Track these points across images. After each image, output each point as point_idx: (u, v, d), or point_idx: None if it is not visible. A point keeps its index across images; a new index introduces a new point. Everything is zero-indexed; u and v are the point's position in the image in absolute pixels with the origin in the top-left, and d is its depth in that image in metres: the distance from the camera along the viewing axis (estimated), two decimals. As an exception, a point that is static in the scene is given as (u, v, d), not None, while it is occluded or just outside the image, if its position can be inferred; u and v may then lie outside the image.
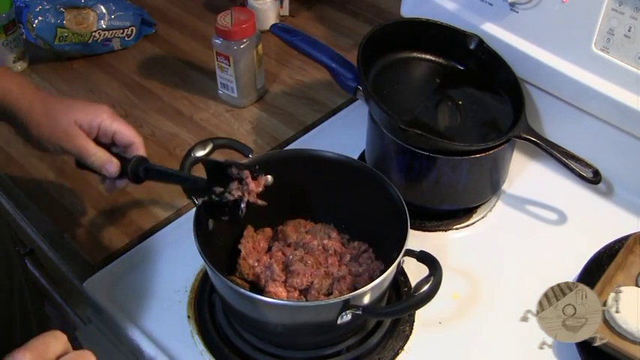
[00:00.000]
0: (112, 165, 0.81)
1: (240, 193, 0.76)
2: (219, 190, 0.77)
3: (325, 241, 0.86)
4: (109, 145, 0.83)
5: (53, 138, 0.80)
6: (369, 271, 0.83)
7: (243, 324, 0.81)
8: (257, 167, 0.77)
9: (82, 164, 0.82)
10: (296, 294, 0.81)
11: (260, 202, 0.77)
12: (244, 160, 0.82)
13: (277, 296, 0.79)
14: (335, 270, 0.83)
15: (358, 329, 0.80)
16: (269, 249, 0.87)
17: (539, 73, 0.97)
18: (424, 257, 0.76)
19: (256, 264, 0.83)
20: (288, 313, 0.74)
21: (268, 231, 0.88)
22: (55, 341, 0.59)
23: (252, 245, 0.85)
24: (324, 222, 0.89)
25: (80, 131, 0.80)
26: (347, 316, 0.72)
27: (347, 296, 0.70)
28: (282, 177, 0.82)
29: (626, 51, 0.88)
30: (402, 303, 0.76)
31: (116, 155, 0.82)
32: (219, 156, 0.82)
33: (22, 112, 0.80)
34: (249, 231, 0.86)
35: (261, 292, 0.81)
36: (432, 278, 0.72)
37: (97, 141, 0.82)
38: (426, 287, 0.71)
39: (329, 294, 0.82)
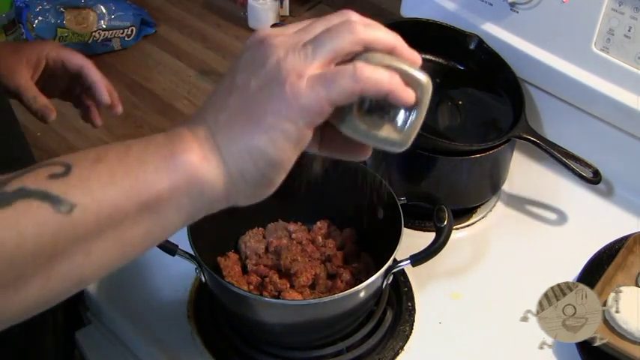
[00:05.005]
0: (49, 112, 0.82)
1: None
2: None
3: (294, 235, 0.87)
4: (76, 87, 0.87)
5: (4, 79, 0.82)
6: (344, 239, 0.86)
7: (247, 328, 0.81)
8: None
9: None
10: (308, 291, 0.81)
11: None
12: None
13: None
14: (319, 254, 0.85)
15: (360, 326, 0.80)
16: (244, 269, 0.86)
17: (539, 73, 0.97)
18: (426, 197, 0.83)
19: (251, 287, 0.83)
20: (333, 306, 0.73)
21: (233, 256, 0.86)
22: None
23: (227, 274, 0.83)
24: (319, 221, 0.89)
25: (24, 70, 0.82)
26: (391, 277, 0.78)
27: (389, 261, 0.74)
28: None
29: (626, 51, 0.88)
30: (440, 236, 0.78)
31: None
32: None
33: None
34: (220, 262, 0.85)
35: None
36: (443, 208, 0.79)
37: (57, 80, 0.85)
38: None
39: (331, 276, 0.83)
